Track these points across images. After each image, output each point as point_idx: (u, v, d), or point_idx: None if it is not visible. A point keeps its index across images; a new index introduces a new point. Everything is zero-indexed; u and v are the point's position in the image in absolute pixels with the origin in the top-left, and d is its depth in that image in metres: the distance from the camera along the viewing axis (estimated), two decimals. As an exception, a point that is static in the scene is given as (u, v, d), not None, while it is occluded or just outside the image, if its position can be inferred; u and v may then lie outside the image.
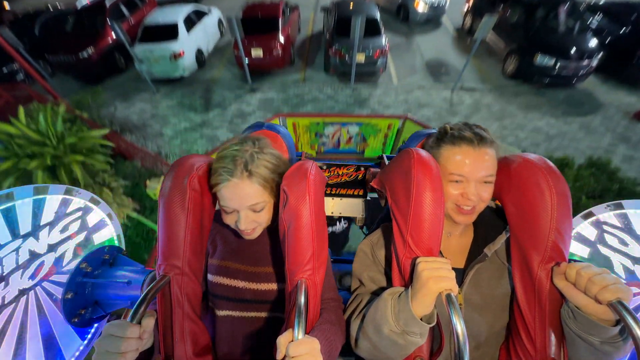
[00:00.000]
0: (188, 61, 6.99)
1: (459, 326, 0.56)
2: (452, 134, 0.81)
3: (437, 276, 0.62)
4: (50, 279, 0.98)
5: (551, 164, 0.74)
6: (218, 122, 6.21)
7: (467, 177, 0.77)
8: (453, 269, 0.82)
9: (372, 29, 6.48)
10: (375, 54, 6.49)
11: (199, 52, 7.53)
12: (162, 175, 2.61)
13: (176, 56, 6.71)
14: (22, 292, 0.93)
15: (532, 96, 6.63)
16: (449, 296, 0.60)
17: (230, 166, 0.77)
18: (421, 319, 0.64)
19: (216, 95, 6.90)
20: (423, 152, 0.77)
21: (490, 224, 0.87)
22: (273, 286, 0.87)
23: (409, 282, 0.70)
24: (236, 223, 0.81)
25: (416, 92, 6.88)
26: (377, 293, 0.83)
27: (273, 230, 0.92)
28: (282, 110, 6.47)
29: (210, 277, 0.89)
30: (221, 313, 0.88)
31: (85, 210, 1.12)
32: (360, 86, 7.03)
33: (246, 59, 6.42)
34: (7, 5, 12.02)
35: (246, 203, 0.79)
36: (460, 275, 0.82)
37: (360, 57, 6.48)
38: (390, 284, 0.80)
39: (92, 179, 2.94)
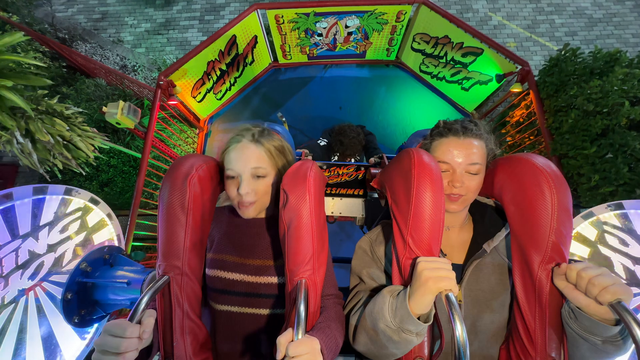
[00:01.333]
0: None
1: (459, 326, 0.56)
2: (444, 127, 0.88)
3: (436, 276, 0.62)
4: (50, 279, 0.98)
5: (551, 164, 0.74)
6: (185, 20, 5.03)
7: (452, 165, 0.82)
8: (453, 264, 0.83)
9: None
10: None
11: None
12: (120, 101, 2.29)
13: None
14: (22, 292, 0.93)
15: None
16: (448, 296, 0.60)
17: (242, 132, 0.89)
18: (419, 318, 0.64)
19: None
20: (423, 153, 0.77)
21: (490, 220, 0.88)
22: (271, 280, 0.87)
23: (408, 281, 0.70)
24: (237, 192, 0.85)
25: None
26: (376, 290, 0.83)
27: (271, 222, 0.93)
28: None
29: (208, 271, 0.89)
30: (220, 308, 0.88)
31: (85, 211, 1.12)
32: None
33: None
34: None
35: (250, 164, 0.85)
36: (460, 270, 0.82)
37: None
38: (389, 281, 0.80)
39: (36, 108, 2.17)
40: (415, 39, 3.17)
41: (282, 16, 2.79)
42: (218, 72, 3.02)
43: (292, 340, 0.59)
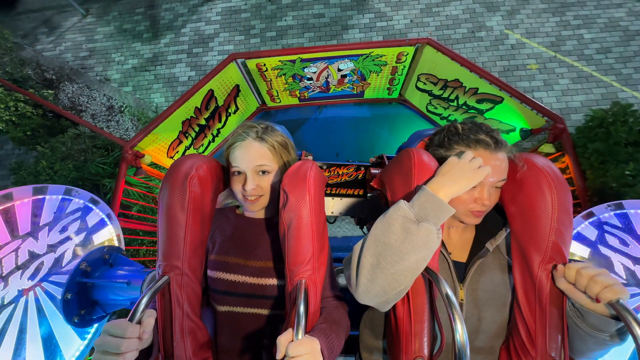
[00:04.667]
0: None
1: (459, 326, 0.56)
2: (467, 135, 0.78)
3: (478, 167, 0.69)
4: (50, 279, 0.98)
5: (551, 164, 0.74)
6: (173, 54, 4.79)
7: (482, 182, 0.74)
8: (456, 263, 0.82)
9: None
10: None
11: None
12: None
13: None
14: (22, 292, 0.93)
15: None
16: (448, 296, 0.60)
17: (246, 130, 0.89)
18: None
19: (164, 12, 5.18)
20: (423, 153, 0.77)
21: (492, 219, 0.87)
22: (272, 281, 0.87)
23: None
24: (242, 187, 0.86)
25: None
26: None
27: (272, 224, 0.93)
28: (255, 27, 4.80)
29: (209, 272, 0.89)
30: (221, 309, 0.88)
31: (85, 211, 1.12)
32: None
33: None
34: None
35: (255, 162, 0.86)
36: (463, 269, 0.82)
37: None
38: None
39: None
40: (420, 79, 2.69)
41: (265, 64, 2.48)
42: (197, 128, 2.65)
43: (292, 340, 0.59)
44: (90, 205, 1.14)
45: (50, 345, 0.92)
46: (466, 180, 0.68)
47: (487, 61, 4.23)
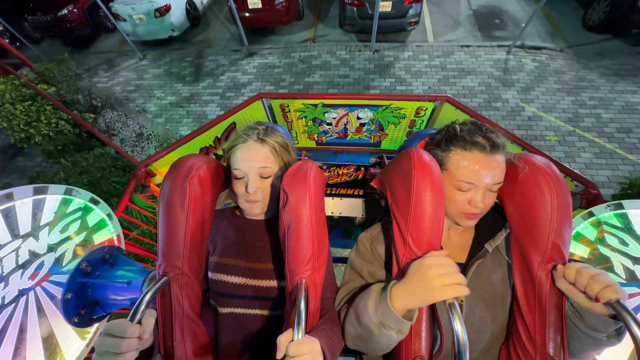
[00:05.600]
0: (176, 18, 5.86)
1: (459, 326, 0.56)
2: (463, 137, 0.77)
3: (444, 285, 0.57)
4: (50, 279, 0.98)
5: (551, 163, 0.74)
6: (208, 95, 5.28)
7: (476, 185, 0.74)
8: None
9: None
10: (405, 1, 4.79)
11: (191, 6, 6.24)
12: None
13: (161, 11, 5.55)
14: (22, 292, 0.93)
15: (625, 58, 4.66)
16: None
17: (248, 132, 0.89)
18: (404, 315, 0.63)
19: (208, 62, 5.85)
20: (423, 153, 0.77)
21: (491, 219, 0.87)
22: (273, 283, 0.87)
23: None
24: (245, 190, 0.87)
25: (458, 54, 5.10)
26: None
27: (273, 226, 0.93)
28: (285, 80, 5.26)
29: (210, 274, 0.89)
30: (223, 311, 0.88)
31: (85, 210, 1.12)
32: (384, 47, 5.43)
33: (240, 12, 5.10)
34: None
35: (256, 165, 0.86)
36: (462, 270, 0.82)
37: (385, 5, 4.77)
38: (390, 277, 0.80)
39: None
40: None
41: (288, 105, 2.61)
42: (213, 157, 2.66)
43: (292, 340, 0.59)
44: (90, 205, 1.14)
45: (50, 345, 0.92)
46: (428, 294, 0.58)
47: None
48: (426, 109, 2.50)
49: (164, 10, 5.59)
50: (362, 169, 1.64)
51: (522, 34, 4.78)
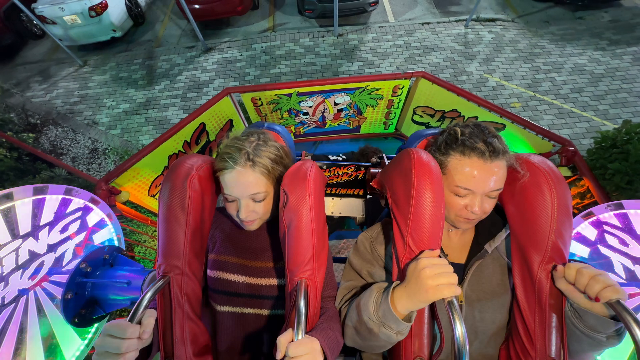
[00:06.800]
0: (116, 16, 5.12)
1: (459, 326, 0.56)
2: (463, 141, 0.75)
3: (438, 285, 0.59)
4: (50, 279, 0.98)
5: (551, 163, 0.74)
6: (167, 98, 4.84)
7: (474, 191, 0.73)
8: (454, 264, 0.82)
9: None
10: (363, -18, 4.56)
11: (131, 2, 5.52)
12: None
13: (97, 10, 4.81)
14: (22, 292, 0.93)
15: (568, 23, 5.14)
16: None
17: (235, 155, 0.79)
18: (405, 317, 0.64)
19: (161, 62, 5.34)
20: (423, 153, 0.77)
21: (491, 220, 0.87)
22: (272, 281, 0.87)
23: None
24: (237, 213, 0.82)
25: (419, 32, 5.26)
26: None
27: (273, 225, 0.92)
28: (249, 74, 4.94)
29: (209, 272, 0.89)
30: (221, 309, 0.88)
31: (85, 210, 1.12)
32: (346, 30, 5.40)
33: (189, 4, 4.66)
34: None
35: (247, 192, 0.80)
36: (462, 271, 0.82)
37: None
38: (389, 278, 0.80)
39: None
40: (416, 112, 2.69)
41: (260, 98, 2.45)
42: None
43: (292, 340, 0.59)
44: (90, 205, 1.14)
45: (50, 345, 0.92)
46: (423, 294, 0.60)
47: (472, 100, 4.60)
48: (403, 87, 2.52)
49: (100, 9, 4.83)
50: (362, 169, 1.64)
51: (476, 8, 5.11)
